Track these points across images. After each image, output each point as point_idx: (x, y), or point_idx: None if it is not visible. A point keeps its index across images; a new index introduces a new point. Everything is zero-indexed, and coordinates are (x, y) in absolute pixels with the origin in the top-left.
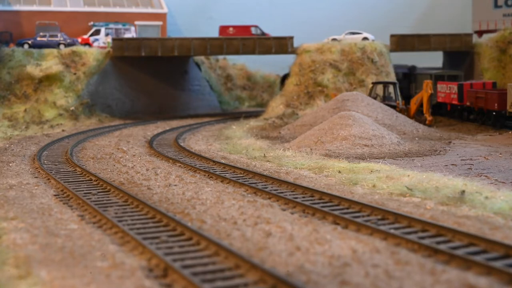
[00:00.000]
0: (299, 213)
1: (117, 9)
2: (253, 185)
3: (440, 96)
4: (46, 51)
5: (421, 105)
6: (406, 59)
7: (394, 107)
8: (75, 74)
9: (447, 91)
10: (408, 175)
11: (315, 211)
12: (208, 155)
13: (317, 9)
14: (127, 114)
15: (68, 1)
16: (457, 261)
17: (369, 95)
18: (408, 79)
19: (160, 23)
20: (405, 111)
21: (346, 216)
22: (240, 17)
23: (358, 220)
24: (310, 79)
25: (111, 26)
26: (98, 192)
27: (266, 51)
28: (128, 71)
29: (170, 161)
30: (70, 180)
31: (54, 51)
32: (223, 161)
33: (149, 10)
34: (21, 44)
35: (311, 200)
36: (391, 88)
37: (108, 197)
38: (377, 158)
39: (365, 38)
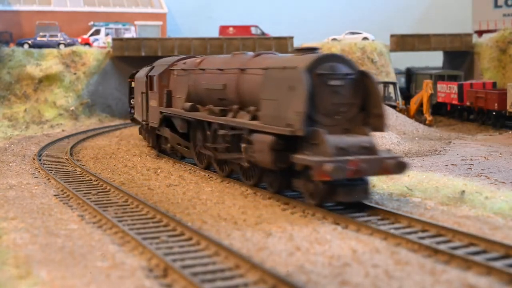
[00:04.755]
0: (299, 213)
1: (117, 9)
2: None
3: (440, 96)
4: (46, 51)
5: (421, 105)
6: (406, 59)
7: (394, 107)
8: (75, 74)
9: (447, 91)
10: (408, 175)
11: (315, 211)
12: None
13: (317, 9)
14: (127, 114)
15: (68, 1)
16: (457, 261)
17: None
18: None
19: (160, 23)
20: (405, 111)
21: (346, 216)
22: (240, 17)
23: (358, 220)
24: None
25: (111, 26)
26: (98, 192)
27: (266, 51)
28: (128, 71)
29: (171, 161)
30: (70, 180)
31: (54, 51)
32: None
33: (149, 10)
34: (21, 44)
35: None
36: (391, 88)
37: (108, 197)
38: None
39: (365, 38)
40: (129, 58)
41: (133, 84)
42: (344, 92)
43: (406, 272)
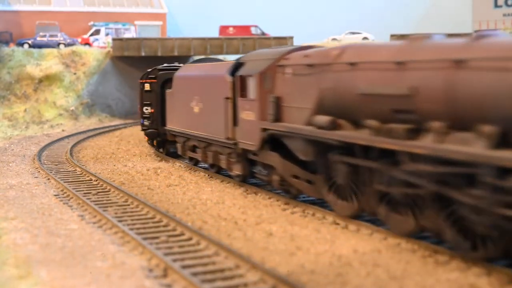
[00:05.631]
0: (300, 213)
1: (117, 9)
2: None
3: None
4: (46, 51)
5: None
6: None
7: None
8: (75, 74)
9: None
10: None
11: (315, 211)
12: None
13: (317, 9)
14: (127, 114)
15: (68, 1)
16: (457, 261)
17: None
18: None
19: (160, 23)
20: None
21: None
22: (240, 17)
23: (358, 220)
24: None
25: (111, 26)
26: (98, 192)
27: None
28: (128, 71)
29: (171, 161)
30: (70, 180)
31: (54, 51)
32: None
33: (149, 10)
34: (21, 44)
35: None
36: None
37: (108, 197)
38: None
39: (365, 38)
40: (129, 58)
41: (146, 87)
42: None
43: (407, 272)
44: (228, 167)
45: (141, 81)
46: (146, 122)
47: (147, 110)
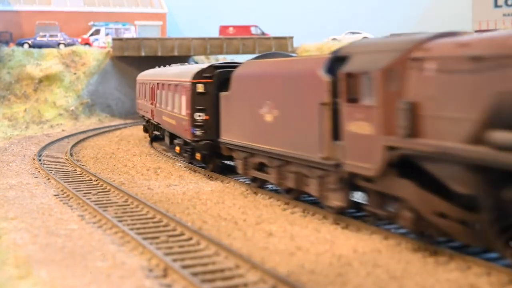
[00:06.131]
0: (300, 213)
1: (117, 9)
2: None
3: None
4: (46, 51)
5: None
6: None
7: None
8: (75, 74)
9: None
10: None
11: (315, 211)
12: None
13: (317, 9)
14: (127, 114)
15: (68, 1)
16: (457, 261)
17: None
18: None
19: (160, 23)
20: None
21: (347, 216)
22: (240, 17)
23: (359, 220)
24: None
25: (111, 26)
26: (98, 192)
27: (266, 51)
28: (128, 71)
29: (171, 161)
30: (70, 180)
31: (54, 51)
32: None
33: (149, 10)
34: (21, 44)
35: None
36: None
37: (108, 197)
38: None
39: (365, 38)
40: (129, 58)
41: (199, 88)
42: None
43: (407, 272)
44: (321, 195)
45: (192, 81)
46: (198, 132)
47: (200, 117)
